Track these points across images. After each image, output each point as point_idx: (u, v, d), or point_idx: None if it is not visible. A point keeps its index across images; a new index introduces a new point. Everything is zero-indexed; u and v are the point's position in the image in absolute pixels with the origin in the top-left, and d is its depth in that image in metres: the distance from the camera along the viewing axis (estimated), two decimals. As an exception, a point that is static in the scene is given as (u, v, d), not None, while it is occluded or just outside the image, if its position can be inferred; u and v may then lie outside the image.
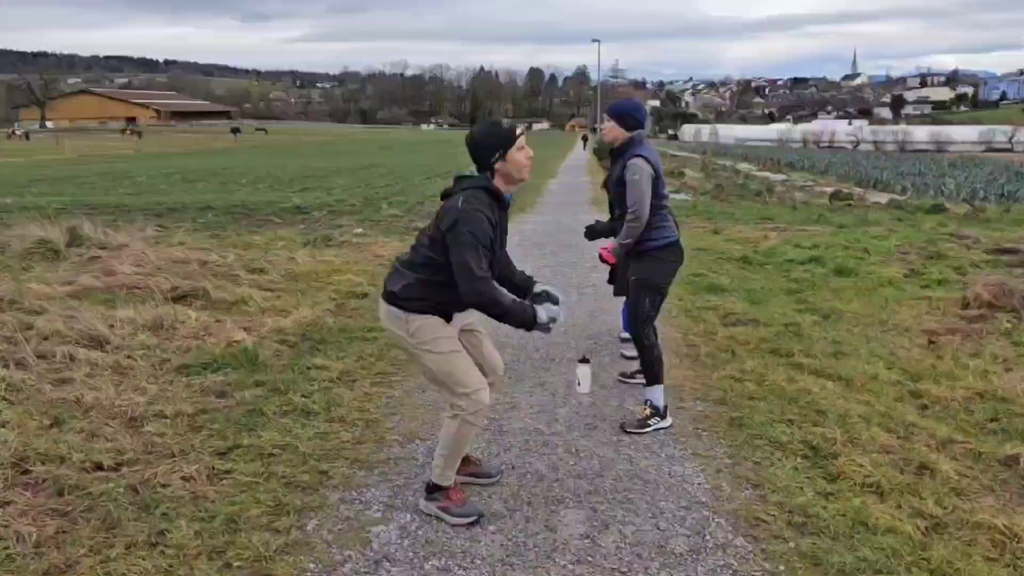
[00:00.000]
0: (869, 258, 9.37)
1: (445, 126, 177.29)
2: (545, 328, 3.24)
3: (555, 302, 3.34)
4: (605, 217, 5.28)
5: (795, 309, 7.04)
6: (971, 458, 3.97)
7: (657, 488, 3.64)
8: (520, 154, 3.21)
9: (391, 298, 3.25)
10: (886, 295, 7.60)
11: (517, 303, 3.20)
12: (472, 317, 3.43)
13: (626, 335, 6.05)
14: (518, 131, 3.24)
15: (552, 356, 5.74)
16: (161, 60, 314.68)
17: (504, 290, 3.24)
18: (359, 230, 11.95)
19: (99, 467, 3.81)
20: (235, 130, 77.34)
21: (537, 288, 3.46)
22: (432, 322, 3.21)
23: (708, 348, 5.82)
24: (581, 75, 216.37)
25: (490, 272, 3.14)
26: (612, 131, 4.42)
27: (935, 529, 3.26)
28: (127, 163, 35.68)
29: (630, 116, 4.38)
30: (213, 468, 3.79)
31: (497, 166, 3.20)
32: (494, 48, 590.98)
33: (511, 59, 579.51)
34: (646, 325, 4.37)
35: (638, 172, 4.24)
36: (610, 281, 5.85)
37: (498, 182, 3.21)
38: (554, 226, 13.61)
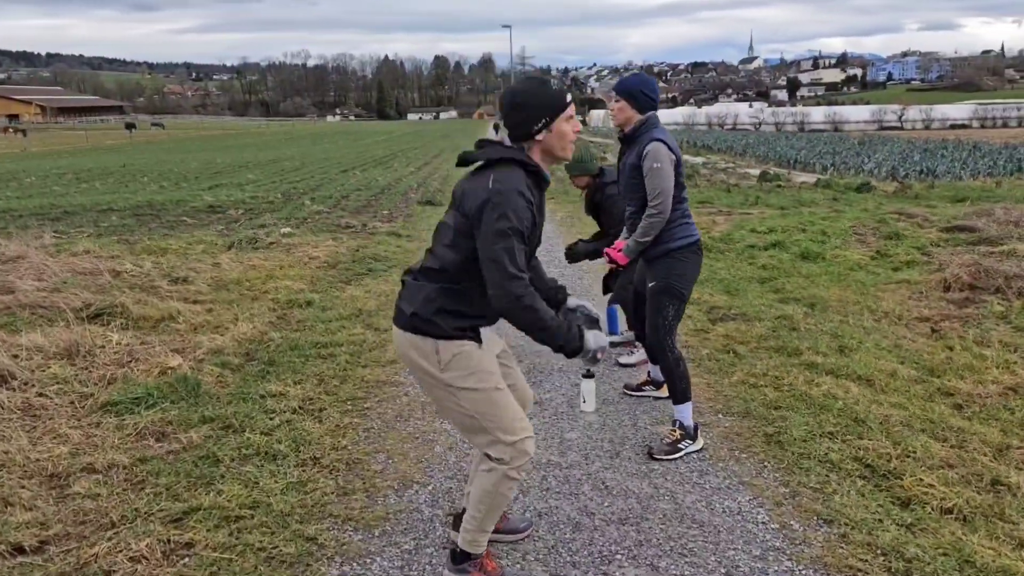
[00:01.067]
0: (830, 241, 9.10)
1: (351, 116, 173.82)
2: (593, 359, 2.57)
3: (594, 321, 2.72)
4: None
5: (776, 299, 6.64)
6: (1037, 466, 3.56)
7: (717, 532, 3.08)
8: (568, 125, 2.53)
9: (411, 322, 2.52)
10: (861, 280, 7.30)
11: (560, 321, 2.50)
12: (502, 342, 2.79)
13: (616, 338, 5.50)
14: (569, 97, 2.55)
15: (539, 367, 5.12)
16: (43, 53, 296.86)
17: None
18: (286, 229, 11.01)
19: (19, 549, 3.01)
20: (130, 126, 72.94)
21: (570, 302, 2.82)
22: (469, 350, 2.53)
23: (707, 349, 5.31)
24: (487, 63, 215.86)
25: (527, 273, 2.44)
26: (622, 112, 3.79)
27: (1048, 563, 2.81)
28: (12, 163, 33.03)
29: (642, 94, 3.76)
30: (168, 541, 3.02)
31: (539, 137, 2.51)
32: (395, 37, 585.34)
33: (414, 47, 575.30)
34: (669, 336, 3.79)
35: (660, 159, 3.64)
36: (606, 291, 5.24)
37: (535, 156, 2.54)
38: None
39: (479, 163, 2.56)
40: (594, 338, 2.57)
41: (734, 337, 5.54)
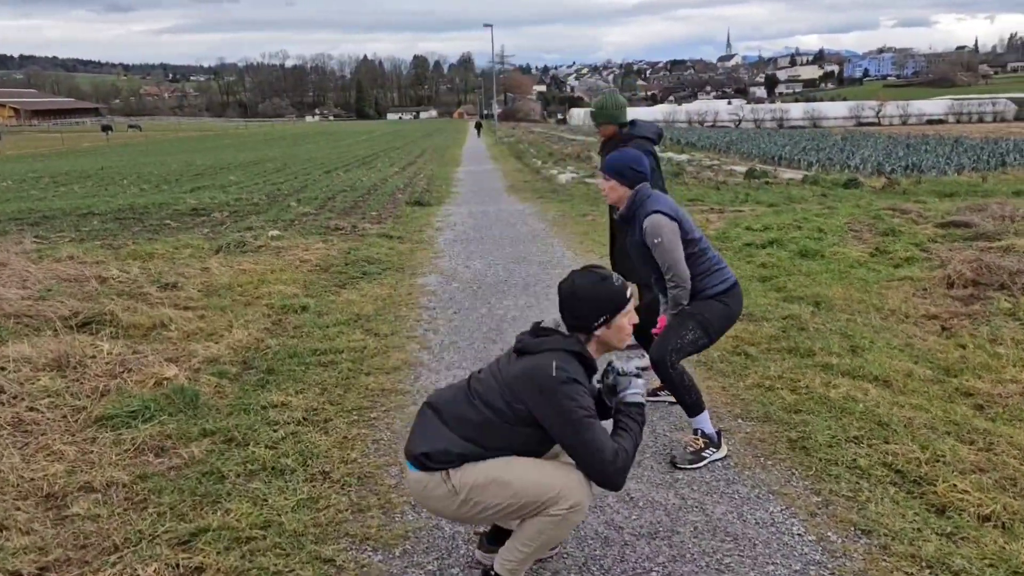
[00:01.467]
0: (827, 238, 9.02)
1: (331, 117, 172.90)
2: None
3: (620, 373, 2.63)
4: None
5: (780, 298, 6.54)
6: (1069, 469, 3.48)
7: (752, 545, 2.96)
8: (626, 319, 2.58)
9: (422, 461, 2.46)
10: (863, 277, 7.22)
11: (630, 429, 2.52)
12: None
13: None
14: (629, 292, 2.57)
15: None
16: (15, 55, 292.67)
17: (611, 434, 2.50)
18: (274, 232, 10.80)
19: (17, 578, 2.83)
20: (106, 128, 72.11)
21: (605, 387, 2.70)
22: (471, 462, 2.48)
23: (718, 352, 5.19)
24: (466, 62, 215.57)
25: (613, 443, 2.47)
26: (614, 191, 3.79)
27: (1098, 573, 2.71)
28: (-13, 167, 32.47)
29: (630, 170, 3.74)
30: (177, 565, 2.86)
31: (598, 332, 2.54)
32: (374, 36, 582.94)
33: (393, 47, 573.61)
34: (675, 355, 3.64)
35: (659, 233, 3.59)
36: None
37: (591, 347, 2.56)
38: (482, 217, 12.87)
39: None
40: (633, 390, 2.59)
41: (743, 338, 5.43)
